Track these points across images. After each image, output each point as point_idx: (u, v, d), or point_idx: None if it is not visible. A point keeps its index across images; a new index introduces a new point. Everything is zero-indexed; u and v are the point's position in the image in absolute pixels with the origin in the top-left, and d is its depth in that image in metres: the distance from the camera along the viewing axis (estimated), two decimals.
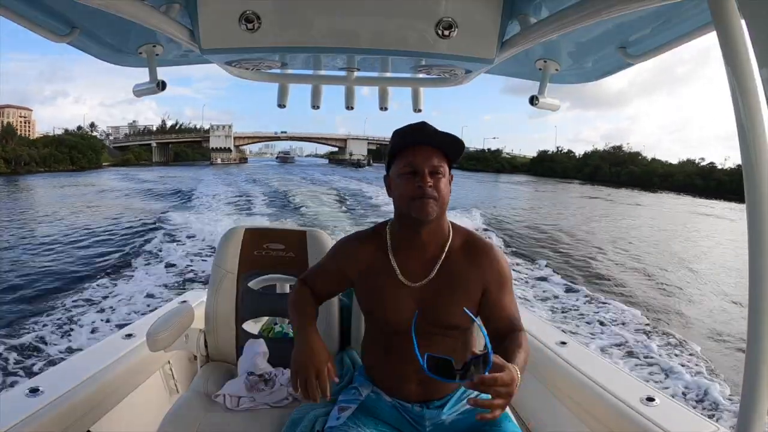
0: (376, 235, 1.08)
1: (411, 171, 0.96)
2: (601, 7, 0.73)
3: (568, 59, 1.25)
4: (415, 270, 1.02)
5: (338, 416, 1.04)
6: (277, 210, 14.34)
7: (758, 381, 0.67)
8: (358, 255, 1.06)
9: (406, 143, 0.98)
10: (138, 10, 0.83)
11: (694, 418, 1.23)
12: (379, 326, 1.06)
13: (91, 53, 1.25)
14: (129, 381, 1.52)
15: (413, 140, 0.98)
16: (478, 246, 1.05)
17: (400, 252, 1.04)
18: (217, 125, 60.29)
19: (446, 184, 0.99)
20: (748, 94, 0.60)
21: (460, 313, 0.98)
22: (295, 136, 68.44)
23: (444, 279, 1.01)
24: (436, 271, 1.01)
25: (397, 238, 1.05)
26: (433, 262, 1.02)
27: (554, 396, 1.58)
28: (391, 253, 1.04)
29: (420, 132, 0.97)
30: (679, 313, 6.28)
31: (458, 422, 1.04)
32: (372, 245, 1.06)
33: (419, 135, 0.98)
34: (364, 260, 1.05)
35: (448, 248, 1.03)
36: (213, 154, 57.17)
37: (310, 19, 1.00)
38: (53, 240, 9.83)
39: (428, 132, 0.97)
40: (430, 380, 1.01)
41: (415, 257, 1.02)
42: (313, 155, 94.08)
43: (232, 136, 59.39)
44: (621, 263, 9.03)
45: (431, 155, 0.97)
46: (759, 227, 0.65)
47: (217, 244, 1.59)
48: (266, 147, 78.27)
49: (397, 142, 1.00)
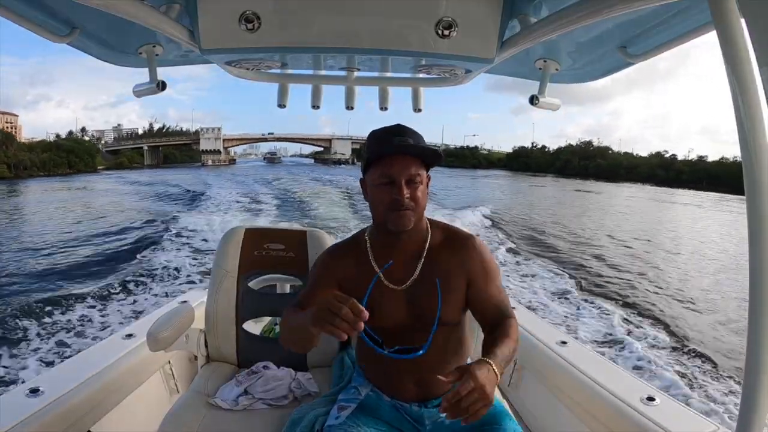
0: (356, 243, 1.07)
1: (388, 181, 0.95)
2: (601, 7, 0.73)
3: (568, 59, 1.25)
4: (399, 273, 1.02)
5: (338, 415, 1.04)
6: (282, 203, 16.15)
7: (758, 381, 0.67)
8: (341, 267, 1.05)
9: (382, 152, 0.95)
10: (138, 10, 0.83)
11: (695, 417, 1.23)
12: (374, 329, 1.06)
13: (91, 53, 1.25)
14: (129, 381, 1.52)
15: (390, 150, 0.94)
16: (458, 239, 1.05)
17: (381, 257, 1.03)
18: (207, 128, 61.44)
19: (423, 191, 0.98)
20: (748, 94, 0.60)
21: (449, 309, 1.00)
22: (282, 137, 68.97)
23: (428, 277, 1.01)
24: (419, 271, 1.02)
25: (378, 244, 1.04)
26: (415, 263, 1.02)
27: (554, 396, 1.58)
28: (373, 260, 1.03)
29: (398, 139, 0.94)
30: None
31: (458, 421, 1.04)
32: (353, 255, 1.05)
33: (396, 145, 0.94)
34: (348, 271, 1.04)
35: (428, 246, 1.03)
36: (203, 156, 58.50)
37: (310, 19, 1.00)
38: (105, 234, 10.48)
39: (405, 143, 0.94)
40: (427, 380, 1.03)
41: (397, 261, 1.02)
42: (297, 155, 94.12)
43: (221, 138, 60.53)
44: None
45: (409, 165, 0.94)
46: (759, 227, 0.64)
47: (218, 245, 1.59)
48: (251, 148, 78.77)
49: (373, 150, 0.96)
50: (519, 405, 1.77)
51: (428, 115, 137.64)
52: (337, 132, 69.71)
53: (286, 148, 76.65)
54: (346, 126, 79.21)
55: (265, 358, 1.47)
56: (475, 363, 0.81)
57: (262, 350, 1.51)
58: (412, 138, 0.96)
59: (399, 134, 0.96)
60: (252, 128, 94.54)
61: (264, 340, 1.56)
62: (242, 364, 1.51)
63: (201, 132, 60.96)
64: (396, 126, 0.98)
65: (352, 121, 71.64)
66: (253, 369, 1.43)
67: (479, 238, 1.08)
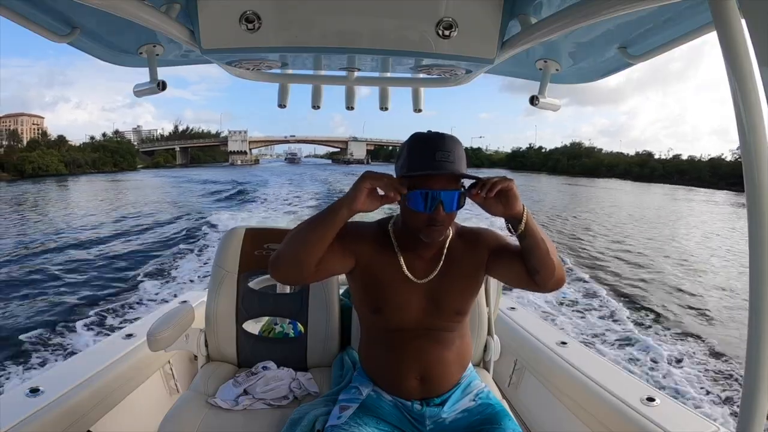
0: (381, 230, 1.08)
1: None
2: (601, 7, 0.73)
3: (569, 59, 1.25)
4: (420, 267, 1.04)
5: (340, 415, 1.04)
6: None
7: (758, 381, 0.67)
8: (368, 241, 1.05)
9: (427, 170, 0.92)
10: (138, 10, 0.83)
11: (695, 418, 1.23)
12: (382, 324, 1.06)
13: (91, 53, 1.25)
14: (129, 381, 1.52)
15: (435, 169, 0.92)
16: (472, 233, 1.08)
17: (404, 250, 1.04)
18: (234, 131, 68.73)
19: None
20: (748, 94, 0.60)
21: (465, 301, 1.06)
22: (303, 139, 74.31)
23: (447, 272, 1.04)
24: (439, 268, 1.04)
25: (402, 237, 1.05)
26: (436, 259, 1.05)
27: (554, 396, 1.58)
28: (398, 249, 1.04)
29: (440, 155, 0.92)
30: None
31: (459, 421, 1.04)
32: (377, 239, 1.06)
33: (442, 163, 0.91)
34: (372, 249, 1.04)
35: (448, 244, 1.06)
36: (231, 156, 65.11)
37: (310, 19, 1.00)
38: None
39: (450, 162, 0.92)
40: (429, 378, 1.04)
41: (419, 255, 1.04)
42: (312, 155, 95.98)
43: (248, 141, 67.61)
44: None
45: (449, 185, 0.93)
46: (759, 227, 0.64)
47: (218, 244, 1.59)
48: (266, 149, 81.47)
49: (415, 162, 0.93)
50: (519, 405, 1.77)
51: (439, 115, 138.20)
52: (352, 132, 74.84)
53: (301, 148, 79.39)
54: (361, 127, 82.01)
55: (265, 358, 1.47)
56: None
57: (262, 350, 1.50)
58: (453, 153, 0.92)
59: (442, 149, 0.92)
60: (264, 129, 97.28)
61: (264, 340, 1.56)
62: (242, 364, 1.51)
63: (229, 134, 68.13)
64: (440, 138, 0.94)
65: (367, 123, 74.73)
66: (253, 369, 1.43)
67: (489, 228, 1.12)
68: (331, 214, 0.92)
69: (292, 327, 1.60)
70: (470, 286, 1.06)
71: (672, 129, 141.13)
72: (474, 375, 1.16)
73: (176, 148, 62.17)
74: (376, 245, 1.05)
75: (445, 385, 1.06)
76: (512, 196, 0.91)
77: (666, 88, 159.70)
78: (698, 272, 8.47)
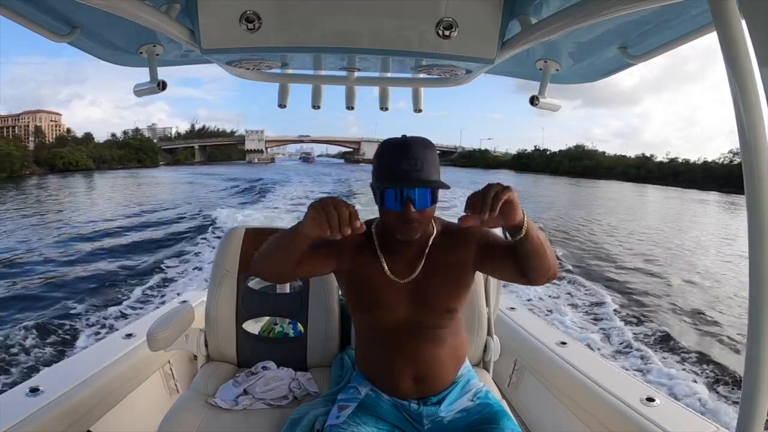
0: (365, 232, 1.07)
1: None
2: (602, 7, 0.73)
3: (569, 59, 1.25)
4: (402, 267, 1.04)
5: (338, 415, 1.05)
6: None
7: (758, 381, 0.67)
8: (350, 243, 1.04)
9: (394, 177, 0.92)
10: (138, 10, 0.83)
11: (695, 418, 1.23)
12: (373, 324, 1.07)
13: (91, 53, 1.25)
14: (129, 381, 1.52)
15: (400, 176, 0.92)
16: (458, 230, 1.07)
17: (386, 250, 1.05)
18: (251, 130, 71.23)
19: (432, 207, 0.98)
20: (748, 94, 0.60)
21: (452, 299, 1.04)
22: (317, 138, 75.76)
23: (432, 271, 1.04)
24: (421, 267, 1.04)
25: (384, 238, 1.06)
26: (418, 259, 1.05)
27: (554, 396, 1.58)
28: (380, 250, 1.05)
29: (406, 164, 0.91)
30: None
31: (457, 420, 1.04)
32: (362, 240, 1.07)
33: (408, 172, 0.91)
34: (355, 251, 1.05)
35: (431, 243, 1.06)
36: (249, 154, 67.17)
37: (310, 19, 1.00)
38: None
39: (418, 173, 0.91)
40: (424, 376, 1.04)
41: (401, 255, 1.05)
42: (324, 155, 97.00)
43: (264, 140, 69.85)
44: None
45: (419, 184, 0.92)
46: (759, 227, 0.64)
47: (218, 244, 1.59)
48: (279, 148, 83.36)
49: (383, 171, 0.94)
50: (519, 405, 1.77)
51: (450, 115, 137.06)
52: (365, 133, 76.98)
53: (313, 148, 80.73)
54: (374, 127, 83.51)
55: (265, 358, 1.47)
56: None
57: (261, 350, 1.50)
58: (420, 160, 0.92)
59: (409, 157, 0.91)
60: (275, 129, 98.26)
61: (264, 340, 1.56)
62: (242, 364, 1.51)
63: (247, 134, 70.39)
64: (406, 146, 0.93)
65: (380, 124, 77.51)
66: (253, 369, 1.43)
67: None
68: (292, 236, 0.93)
69: (292, 327, 1.60)
70: (458, 283, 1.05)
71: (686, 131, 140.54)
72: (472, 374, 1.15)
73: (195, 146, 64.53)
74: (359, 247, 1.06)
75: (440, 383, 1.06)
76: (513, 207, 0.82)
77: (681, 88, 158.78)
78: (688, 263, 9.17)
